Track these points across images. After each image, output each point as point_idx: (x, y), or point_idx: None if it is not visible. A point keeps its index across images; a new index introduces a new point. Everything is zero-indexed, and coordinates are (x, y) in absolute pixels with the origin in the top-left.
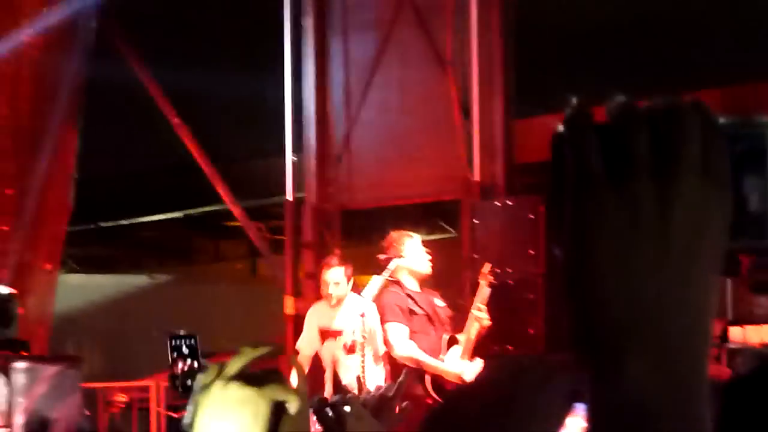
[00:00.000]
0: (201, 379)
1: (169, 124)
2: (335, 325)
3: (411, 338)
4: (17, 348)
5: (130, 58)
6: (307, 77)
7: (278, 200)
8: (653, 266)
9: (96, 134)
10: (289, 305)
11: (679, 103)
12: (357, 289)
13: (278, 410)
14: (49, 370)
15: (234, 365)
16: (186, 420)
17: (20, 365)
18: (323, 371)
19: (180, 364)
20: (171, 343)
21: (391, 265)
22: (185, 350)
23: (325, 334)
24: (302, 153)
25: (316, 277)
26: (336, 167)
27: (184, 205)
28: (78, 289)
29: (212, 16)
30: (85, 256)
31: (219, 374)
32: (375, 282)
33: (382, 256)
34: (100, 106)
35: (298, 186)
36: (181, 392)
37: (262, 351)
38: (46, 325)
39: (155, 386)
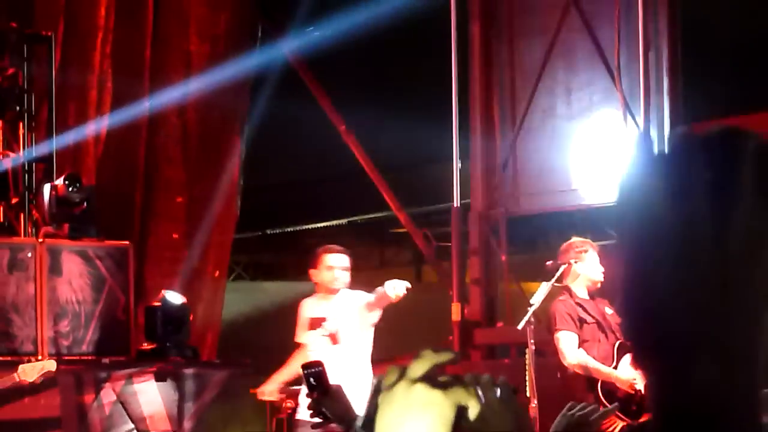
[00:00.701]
0: (381, 380)
1: (337, 132)
2: (324, 314)
3: (581, 347)
4: (187, 354)
5: (296, 65)
6: (473, 83)
7: (444, 207)
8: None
9: (263, 142)
10: (456, 312)
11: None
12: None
13: (460, 415)
14: (218, 375)
15: (417, 368)
16: (360, 422)
17: (190, 371)
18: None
19: (310, 394)
20: (303, 373)
21: (561, 271)
22: (312, 380)
23: (314, 324)
24: (468, 159)
25: (483, 283)
26: (502, 173)
27: (350, 212)
28: (245, 295)
29: (377, 23)
30: (252, 263)
31: (401, 376)
32: (542, 289)
33: (549, 263)
34: (266, 113)
35: (464, 192)
36: (321, 419)
37: (445, 357)
38: (215, 332)
39: None
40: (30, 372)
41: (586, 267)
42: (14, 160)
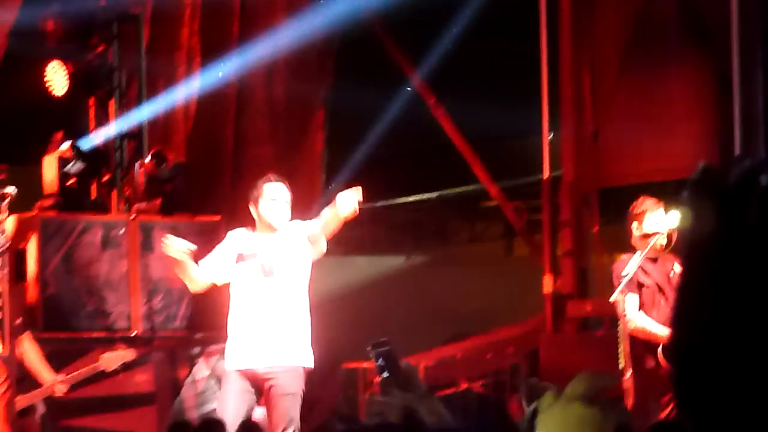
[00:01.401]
0: (540, 401)
1: (426, 105)
2: (257, 250)
3: (639, 310)
4: None
5: (384, 39)
6: (563, 54)
7: (535, 179)
8: None
9: (350, 115)
10: (548, 284)
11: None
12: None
13: None
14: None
15: (575, 388)
16: None
17: None
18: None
19: (380, 375)
20: (372, 353)
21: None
22: (381, 361)
23: (244, 258)
24: (559, 131)
25: (575, 255)
26: (593, 144)
27: (440, 185)
28: (336, 270)
29: None
30: (343, 238)
31: (558, 398)
32: (635, 259)
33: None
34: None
35: (554, 164)
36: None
37: (603, 380)
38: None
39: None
40: (111, 361)
41: (646, 227)
42: (105, 138)
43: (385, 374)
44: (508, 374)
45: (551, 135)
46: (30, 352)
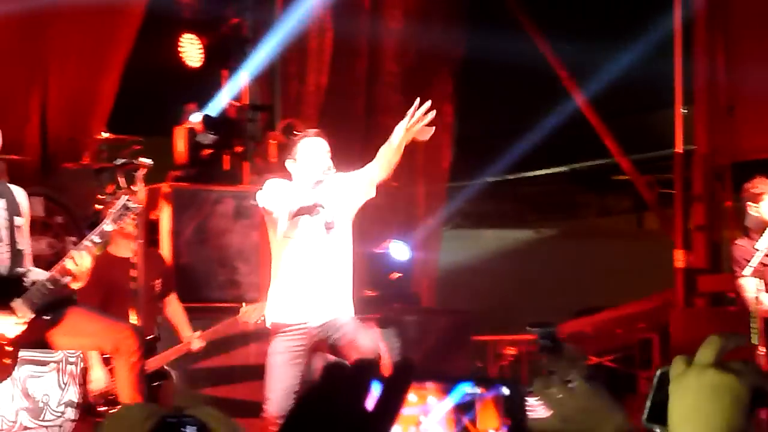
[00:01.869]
0: (666, 371)
1: (558, 77)
2: (316, 200)
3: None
4: (409, 301)
5: (516, 9)
6: (698, 28)
7: (667, 153)
8: None
9: (482, 89)
10: (679, 259)
11: None
12: None
13: (757, 397)
14: (440, 322)
15: (705, 354)
16: (646, 414)
17: (412, 318)
18: None
19: (542, 354)
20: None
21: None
22: (545, 341)
23: (305, 211)
24: (692, 104)
25: (707, 230)
26: (727, 118)
27: (570, 159)
28: (465, 243)
29: None
30: (472, 212)
31: (689, 364)
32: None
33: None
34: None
35: (687, 138)
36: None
37: (732, 341)
38: (432, 279)
39: None
40: (252, 314)
41: (762, 209)
42: (239, 110)
43: (549, 355)
44: (638, 349)
45: (685, 109)
46: (176, 311)
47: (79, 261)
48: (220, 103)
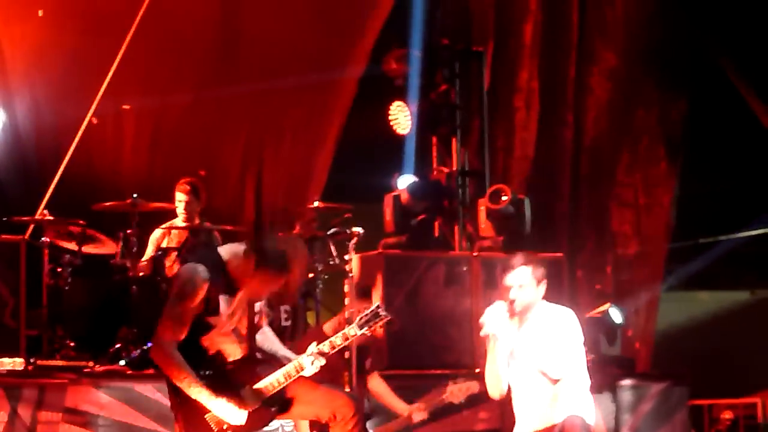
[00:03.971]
0: None
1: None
2: None
3: None
4: (624, 366)
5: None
6: None
7: None
8: None
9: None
10: None
11: None
12: None
13: None
14: (656, 387)
15: None
16: None
17: (627, 383)
18: None
19: None
20: None
21: None
22: None
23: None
24: None
25: None
26: None
27: None
28: (679, 305)
29: None
30: (686, 273)
31: None
32: None
33: None
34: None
35: None
36: None
37: None
38: (649, 343)
39: (762, 403)
40: (456, 394)
41: None
42: (448, 176)
43: None
44: None
45: None
46: (380, 387)
47: (313, 368)
48: (430, 169)
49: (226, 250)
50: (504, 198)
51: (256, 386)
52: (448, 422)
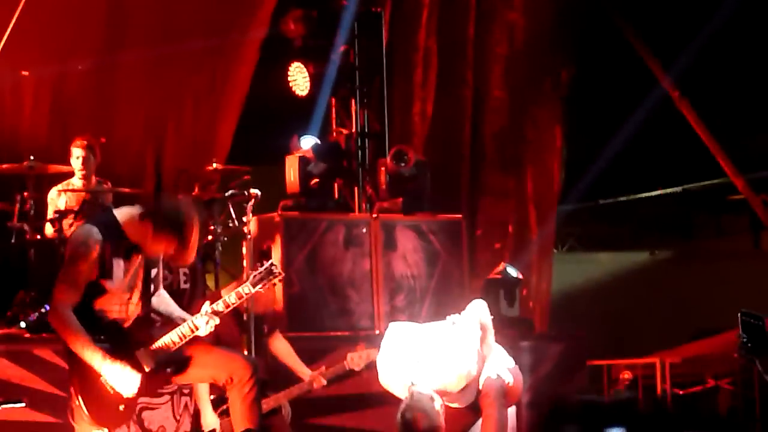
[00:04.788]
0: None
1: (669, 98)
2: None
3: None
4: (522, 327)
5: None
6: None
7: None
8: None
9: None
10: None
11: None
12: None
13: None
14: (554, 348)
15: None
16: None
17: (525, 344)
18: None
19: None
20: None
21: None
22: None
23: None
24: None
25: None
26: None
27: (684, 179)
28: (578, 266)
29: None
30: (585, 234)
31: None
32: None
33: None
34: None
35: None
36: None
37: None
38: (544, 303)
39: (660, 363)
40: (357, 362)
41: None
42: (347, 137)
43: (750, 348)
44: (757, 371)
45: None
46: (283, 348)
47: (208, 328)
48: (329, 130)
49: (122, 213)
50: (403, 159)
51: (151, 348)
52: (348, 384)
